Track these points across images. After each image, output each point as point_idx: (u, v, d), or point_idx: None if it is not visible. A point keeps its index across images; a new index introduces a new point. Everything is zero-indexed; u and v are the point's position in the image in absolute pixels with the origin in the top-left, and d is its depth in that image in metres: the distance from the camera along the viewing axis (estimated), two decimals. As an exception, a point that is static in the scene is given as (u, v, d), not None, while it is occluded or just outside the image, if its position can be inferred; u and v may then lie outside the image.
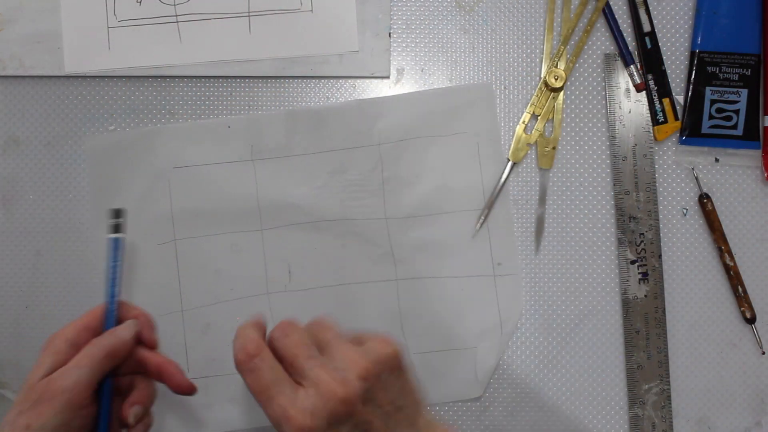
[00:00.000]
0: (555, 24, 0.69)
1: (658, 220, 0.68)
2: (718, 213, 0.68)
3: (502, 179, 0.67)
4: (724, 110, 0.68)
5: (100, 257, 0.66)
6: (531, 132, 0.68)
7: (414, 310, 0.67)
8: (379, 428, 0.46)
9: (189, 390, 0.53)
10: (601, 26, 0.69)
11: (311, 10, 0.68)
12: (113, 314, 0.53)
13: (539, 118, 0.68)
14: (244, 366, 0.47)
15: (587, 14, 0.69)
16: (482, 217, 0.67)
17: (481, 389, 0.67)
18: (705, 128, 0.68)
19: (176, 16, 0.68)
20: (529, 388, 0.68)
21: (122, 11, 0.68)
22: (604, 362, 0.68)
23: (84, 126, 0.69)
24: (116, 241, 0.54)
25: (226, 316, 0.67)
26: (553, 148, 0.68)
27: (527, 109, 0.68)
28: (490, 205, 0.67)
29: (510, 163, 0.68)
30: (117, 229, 0.54)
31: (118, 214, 0.54)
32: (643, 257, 0.67)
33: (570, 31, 0.68)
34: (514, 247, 0.68)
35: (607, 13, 0.68)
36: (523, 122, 0.68)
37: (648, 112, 0.68)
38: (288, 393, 0.45)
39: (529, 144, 0.68)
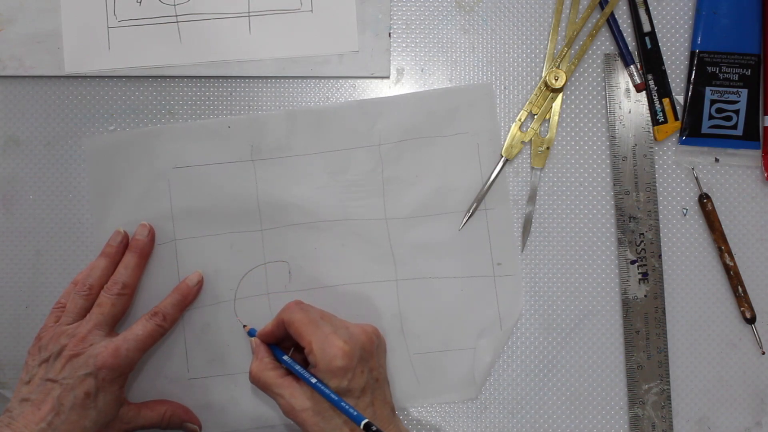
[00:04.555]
0: (559, 26, 0.69)
1: (658, 220, 0.68)
2: (718, 213, 0.68)
3: (494, 175, 0.67)
4: (724, 110, 0.68)
5: (100, 257, 0.66)
6: (526, 130, 0.68)
7: (414, 310, 0.67)
8: (382, 384, 0.60)
9: None
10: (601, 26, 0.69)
11: (311, 10, 0.68)
12: None
13: (536, 117, 0.68)
14: (299, 305, 0.60)
15: (593, 18, 0.69)
16: (470, 211, 0.67)
17: (478, 390, 0.67)
18: (705, 128, 0.68)
19: (176, 16, 0.68)
20: (529, 388, 0.68)
21: (122, 11, 0.68)
22: (604, 362, 0.68)
23: (84, 126, 0.69)
24: None
25: (226, 316, 0.67)
26: (548, 148, 0.68)
27: (525, 108, 0.68)
28: (479, 200, 0.67)
29: (503, 160, 0.68)
30: None
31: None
32: (643, 257, 0.67)
33: (575, 33, 0.68)
34: (514, 247, 0.68)
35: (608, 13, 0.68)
36: (519, 120, 0.68)
37: (648, 112, 0.68)
38: (328, 328, 0.58)
39: (523, 142, 0.68)
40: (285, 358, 0.61)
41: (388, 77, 0.69)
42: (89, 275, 0.64)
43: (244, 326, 0.66)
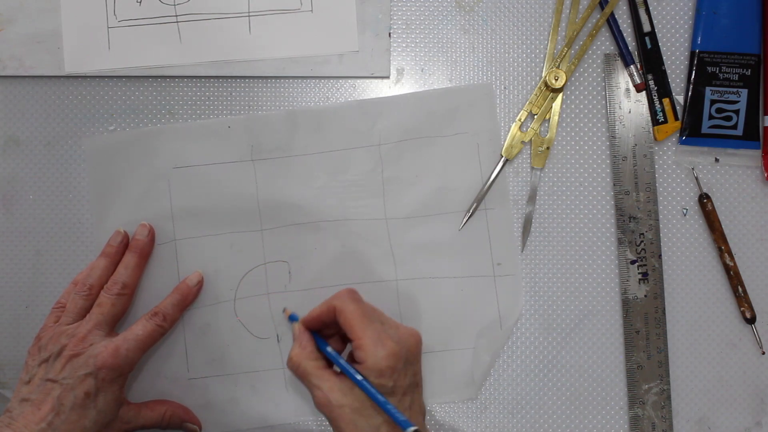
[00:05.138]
0: (559, 26, 0.69)
1: (658, 220, 0.68)
2: (718, 213, 0.68)
3: (494, 175, 0.67)
4: (724, 110, 0.68)
5: (100, 257, 0.66)
6: (526, 130, 0.68)
7: (414, 310, 0.67)
8: (420, 389, 0.60)
9: None
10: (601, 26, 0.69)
11: (311, 10, 0.68)
12: None
13: (536, 117, 0.68)
14: (353, 295, 0.60)
15: (593, 18, 0.69)
16: (470, 211, 0.67)
17: (477, 390, 0.67)
18: (705, 128, 0.68)
19: (176, 16, 0.68)
20: (529, 388, 0.68)
21: (122, 11, 0.68)
22: (604, 362, 0.68)
23: (84, 126, 0.69)
24: None
25: (226, 316, 0.67)
26: (548, 148, 0.68)
27: (525, 108, 0.68)
28: (479, 200, 0.67)
29: (503, 160, 0.68)
30: None
31: None
32: (643, 257, 0.67)
33: (575, 33, 0.68)
34: (514, 247, 0.68)
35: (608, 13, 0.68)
36: (519, 120, 0.68)
37: (648, 112, 0.68)
38: (380, 326, 0.58)
39: (523, 142, 0.68)
40: (329, 350, 0.60)
41: (388, 77, 0.69)
42: (89, 275, 0.64)
43: (284, 310, 0.66)
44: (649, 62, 0.68)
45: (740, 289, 0.67)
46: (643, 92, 0.68)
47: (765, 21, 0.68)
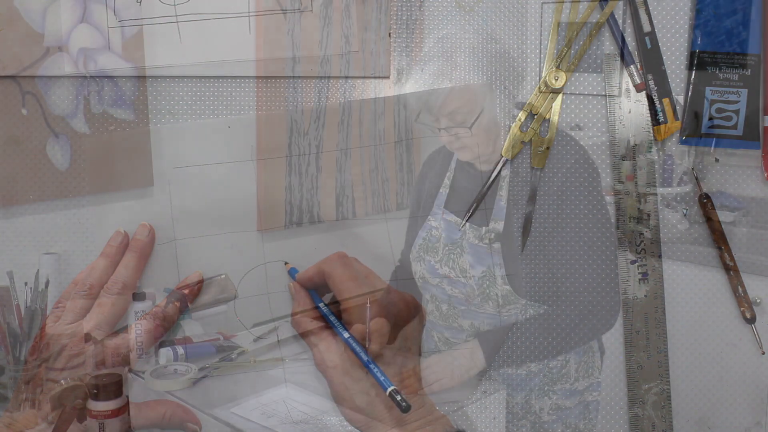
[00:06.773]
0: (559, 26, 0.69)
1: (658, 220, 0.68)
2: (719, 213, 0.68)
3: (493, 175, 0.67)
4: (724, 110, 0.68)
5: (100, 257, 0.66)
6: (526, 130, 0.68)
7: (414, 310, 0.67)
8: (414, 354, 0.61)
9: None
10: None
11: (311, 10, 0.68)
12: None
13: (536, 117, 0.68)
14: (342, 259, 0.61)
15: (593, 18, 0.69)
16: (470, 211, 0.67)
17: (474, 390, 0.67)
18: (705, 128, 0.68)
19: (176, 16, 0.68)
20: (529, 388, 0.68)
21: (122, 11, 0.68)
22: (604, 362, 0.68)
23: (84, 126, 0.69)
24: None
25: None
26: (547, 148, 0.68)
27: (524, 108, 0.68)
28: (479, 200, 0.67)
29: (503, 160, 0.68)
30: None
31: None
32: (643, 257, 0.67)
33: (575, 34, 0.68)
34: (515, 247, 0.68)
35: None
36: (519, 120, 0.68)
37: (648, 112, 0.68)
38: (367, 289, 0.59)
39: (523, 142, 0.68)
40: (321, 306, 0.62)
41: (388, 77, 0.69)
42: (89, 275, 0.64)
43: (286, 263, 0.66)
44: (649, 62, 0.68)
45: (740, 289, 0.67)
46: (643, 92, 0.68)
47: (765, 21, 0.67)
